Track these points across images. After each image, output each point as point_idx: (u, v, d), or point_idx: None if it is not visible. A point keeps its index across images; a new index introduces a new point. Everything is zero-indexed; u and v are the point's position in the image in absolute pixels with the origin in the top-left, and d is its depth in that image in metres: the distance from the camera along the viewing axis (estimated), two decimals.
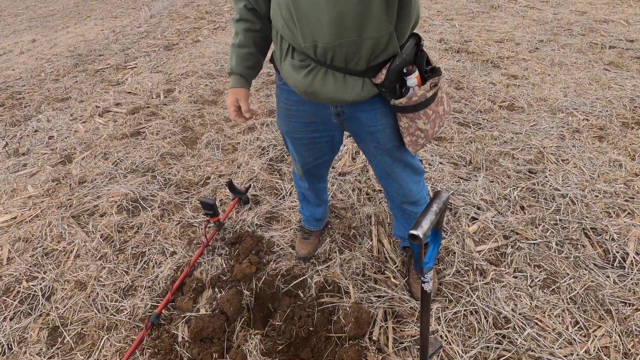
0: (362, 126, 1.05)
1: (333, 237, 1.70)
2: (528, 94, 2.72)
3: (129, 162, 2.33)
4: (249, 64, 1.08)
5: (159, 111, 2.92)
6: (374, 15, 0.82)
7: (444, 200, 0.72)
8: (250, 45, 1.06)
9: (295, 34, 0.90)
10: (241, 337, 1.36)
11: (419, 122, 0.98)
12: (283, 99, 1.13)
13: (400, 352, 1.26)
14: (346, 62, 0.90)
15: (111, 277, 1.63)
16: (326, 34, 0.84)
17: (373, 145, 1.09)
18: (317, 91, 0.96)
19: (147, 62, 3.92)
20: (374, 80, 0.93)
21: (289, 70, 0.98)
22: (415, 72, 0.92)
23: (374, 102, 0.99)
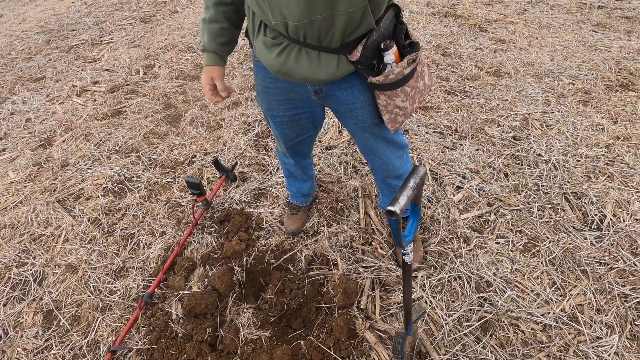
0: (340, 104, 1.03)
1: (321, 211, 1.72)
2: (515, 59, 2.69)
3: (112, 143, 2.28)
4: (222, 40, 1.03)
5: (140, 89, 2.82)
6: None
7: (421, 176, 0.73)
8: (223, 20, 1.00)
9: (265, 11, 0.86)
10: (234, 311, 1.40)
11: (397, 99, 0.96)
12: (260, 77, 1.09)
13: (387, 318, 1.31)
14: (319, 39, 0.86)
15: (102, 260, 1.64)
16: (295, 12, 0.80)
17: (353, 123, 1.08)
18: (290, 71, 0.93)
19: (123, 36, 3.74)
20: (349, 57, 0.90)
21: (261, 48, 0.94)
22: (393, 48, 0.89)
23: (351, 79, 0.97)
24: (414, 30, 3.20)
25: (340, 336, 1.26)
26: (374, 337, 1.25)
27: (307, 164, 1.48)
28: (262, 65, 1.05)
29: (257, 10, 0.88)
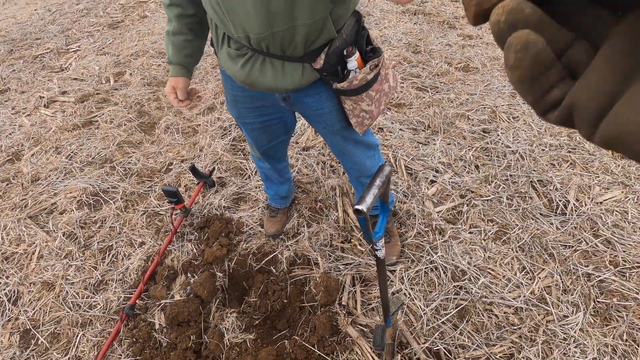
0: (309, 110, 1.06)
1: (300, 212, 1.74)
2: (482, 54, 2.78)
3: (84, 154, 2.23)
4: (187, 52, 1.04)
5: (111, 97, 2.76)
6: (304, 4, 0.79)
7: (387, 175, 0.76)
8: (186, 32, 1.01)
9: (227, 24, 0.87)
10: (217, 317, 1.40)
11: (363, 104, 0.99)
12: (228, 86, 1.10)
13: (368, 312, 1.35)
14: (282, 49, 0.88)
15: (79, 274, 1.61)
16: (255, 25, 0.82)
17: (322, 127, 1.11)
18: (255, 81, 0.94)
19: (91, 43, 3.64)
20: (313, 65, 0.92)
21: (226, 59, 0.96)
22: (356, 54, 0.92)
23: (317, 86, 0.99)
24: (385, 28, 3.26)
25: (324, 333, 1.29)
26: (356, 332, 1.29)
27: (283, 167, 1.50)
28: (229, 75, 1.06)
29: (219, 22, 0.89)
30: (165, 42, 1.05)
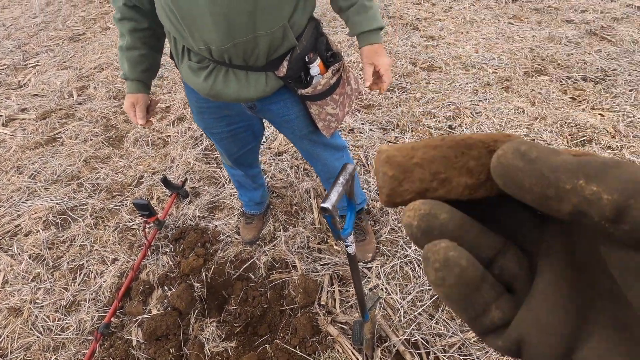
0: (275, 116, 1.07)
1: (276, 217, 1.75)
2: (445, 54, 2.89)
3: (49, 172, 2.15)
4: (143, 67, 1.01)
5: (75, 112, 2.68)
6: (264, 12, 0.81)
7: (350, 172, 0.79)
8: (141, 47, 0.98)
9: (186, 37, 0.86)
10: (197, 327, 1.39)
11: (328, 107, 1.01)
12: (193, 98, 1.09)
13: (347, 310, 1.38)
14: (245, 60, 0.89)
15: (49, 297, 1.55)
16: (217, 37, 0.82)
17: (290, 132, 1.12)
18: (219, 93, 0.94)
19: (50, 58, 3.51)
20: (276, 73, 0.93)
21: (188, 73, 0.95)
22: (317, 60, 0.94)
23: (282, 93, 1.00)
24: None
25: (305, 334, 1.30)
26: (337, 330, 1.31)
27: (256, 173, 1.51)
28: (192, 87, 1.05)
29: (177, 36, 0.89)
30: (119, 58, 1.01)
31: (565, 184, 0.13)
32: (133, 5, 0.93)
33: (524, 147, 0.14)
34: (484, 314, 0.16)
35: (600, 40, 2.92)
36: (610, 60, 2.66)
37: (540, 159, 0.14)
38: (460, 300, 0.16)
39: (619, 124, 2.11)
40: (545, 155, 0.14)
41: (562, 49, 2.84)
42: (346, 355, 1.25)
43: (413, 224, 0.16)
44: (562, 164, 0.13)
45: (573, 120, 2.14)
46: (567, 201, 0.13)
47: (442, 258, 0.15)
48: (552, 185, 0.13)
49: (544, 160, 0.14)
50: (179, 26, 0.85)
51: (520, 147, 0.14)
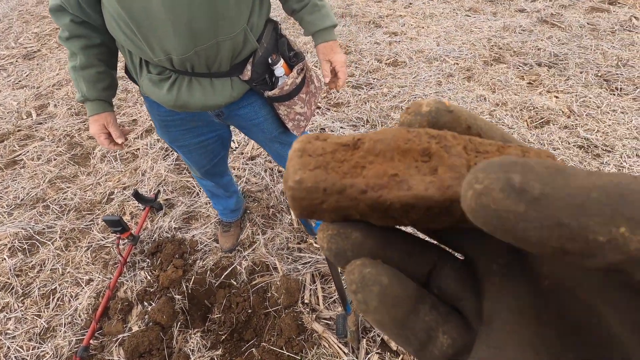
0: (243, 121, 1.06)
1: (254, 221, 1.75)
2: (408, 49, 2.97)
3: (11, 197, 2.05)
4: (104, 85, 0.96)
5: (35, 132, 2.56)
6: (225, 17, 0.80)
7: None
8: (97, 64, 0.93)
9: (143, 49, 0.83)
10: (180, 340, 1.37)
11: (296, 107, 1.02)
12: (155, 112, 1.05)
13: (331, 305, 1.39)
14: (208, 67, 0.88)
15: (21, 326, 1.48)
16: (177, 46, 0.80)
17: (261, 135, 1.11)
18: (186, 103, 0.92)
19: (4, 78, 3.35)
20: (241, 77, 0.93)
21: (149, 86, 0.92)
22: (281, 61, 0.95)
23: (249, 96, 1.00)
24: None
25: (290, 334, 1.31)
26: (322, 327, 1.32)
27: (227, 181, 1.48)
28: (153, 100, 1.01)
29: (133, 49, 0.86)
30: (74, 80, 0.94)
31: (598, 235, 0.09)
32: (82, 22, 0.88)
33: (518, 179, 0.10)
34: (430, 342, 0.13)
35: (551, 27, 3.09)
36: (561, 45, 2.82)
37: (549, 195, 0.09)
38: (395, 327, 0.13)
39: (572, 104, 2.24)
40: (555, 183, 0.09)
41: (517, 37, 2.98)
42: (333, 350, 1.27)
43: (324, 247, 0.15)
44: (587, 199, 0.09)
45: (531, 104, 2.25)
46: (601, 258, 0.09)
47: (357, 278, 0.13)
48: (577, 238, 0.09)
49: (555, 196, 0.09)
50: (134, 38, 0.82)
51: (513, 180, 0.10)
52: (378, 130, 0.15)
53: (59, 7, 0.87)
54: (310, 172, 0.14)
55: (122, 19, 0.79)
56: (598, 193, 0.09)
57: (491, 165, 0.10)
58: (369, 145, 0.14)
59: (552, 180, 0.10)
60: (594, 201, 0.09)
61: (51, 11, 0.87)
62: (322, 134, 0.16)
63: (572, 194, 0.09)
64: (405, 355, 1.23)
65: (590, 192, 0.09)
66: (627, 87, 2.35)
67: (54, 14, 0.88)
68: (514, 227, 0.10)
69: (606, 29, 2.95)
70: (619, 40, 2.81)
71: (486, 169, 0.10)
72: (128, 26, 0.80)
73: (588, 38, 2.87)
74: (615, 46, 2.74)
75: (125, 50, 0.90)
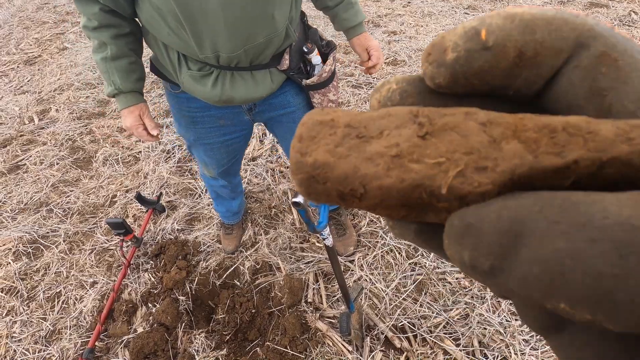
0: (276, 110, 1.06)
1: (256, 221, 1.75)
2: (407, 47, 2.98)
3: (14, 201, 2.07)
4: (137, 76, 0.95)
5: (37, 137, 2.58)
6: (274, 16, 0.82)
7: None
8: (129, 54, 0.92)
9: (188, 44, 0.82)
10: (185, 340, 1.37)
11: (330, 94, 1.03)
12: (184, 107, 1.04)
13: (334, 304, 1.40)
14: (251, 62, 0.89)
15: (27, 329, 1.49)
16: (229, 44, 0.81)
17: (288, 125, 1.10)
18: (231, 97, 0.92)
19: (5, 83, 3.37)
20: (279, 67, 0.94)
21: (190, 82, 0.91)
22: (315, 49, 0.96)
23: (283, 86, 1.01)
24: None
25: (294, 333, 1.31)
26: (325, 325, 1.32)
27: (238, 181, 1.48)
28: (185, 96, 1.00)
29: (176, 44, 0.84)
30: (104, 71, 0.91)
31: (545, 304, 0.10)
32: (110, 10, 0.85)
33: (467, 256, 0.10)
34: None
35: None
36: None
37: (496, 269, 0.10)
38: None
39: None
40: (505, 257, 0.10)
41: None
42: (337, 348, 1.27)
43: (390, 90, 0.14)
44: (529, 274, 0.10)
45: None
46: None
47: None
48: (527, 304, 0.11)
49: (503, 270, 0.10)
50: (182, 34, 0.81)
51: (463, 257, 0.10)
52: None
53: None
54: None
55: (172, 13, 0.77)
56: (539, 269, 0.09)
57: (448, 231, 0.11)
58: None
59: (501, 254, 0.10)
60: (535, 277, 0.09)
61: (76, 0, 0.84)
62: None
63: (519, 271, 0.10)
64: (409, 353, 1.24)
65: (532, 267, 0.09)
66: None
67: (79, 2, 0.84)
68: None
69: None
70: None
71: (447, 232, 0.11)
72: (178, 21, 0.78)
73: None
74: None
75: (161, 45, 0.88)
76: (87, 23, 0.88)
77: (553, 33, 0.11)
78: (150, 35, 0.89)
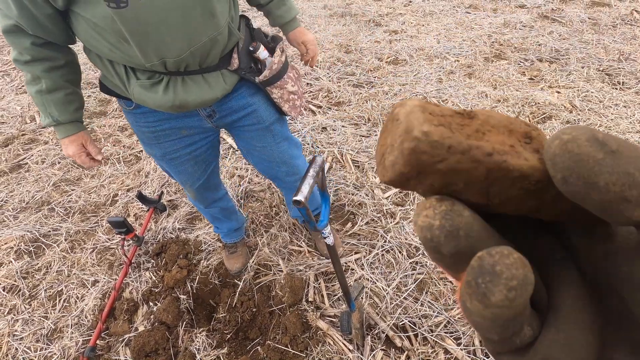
0: (236, 113, 1.04)
1: (259, 221, 1.75)
2: (408, 47, 2.97)
3: (16, 200, 2.07)
4: (75, 106, 0.93)
5: (39, 136, 2.58)
6: (214, 14, 0.82)
7: (319, 164, 0.81)
8: (65, 86, 0.89)
9: (131, 55, 0.81)
10: (186, 339, 1.38)
11: (287, 86, 1.03)
12: (142, 124, 1.01)
13: (335, 303, 1.40)
14: (200, 64, 0.89)
15: (28, 327, 1.49)
16: (173, 48, 0.80)
17: (254, 128, 1.08)
18: (184, 101, 0.90)
19: (7, 83, 3.38)
20: (229, 68, 0.94)
21: (141, 92, 0.89)
22: (261, 47, 0.97)
23: (237, 87, 1.01)
24: (316, 32, 3.37)
25: (295, 332, 1.31)
26: (326, 324, 1.32)
27: (222, 195, 1.39)
28: (139, 112, 0.98)
29: (119, 58, 0.82)
30: (39, 104, 0.89)
31: None
32: (44, 42, 0.82)
33: (601, 135, 0.12)
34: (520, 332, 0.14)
35: (552, 22, 3.08)
36: (562, 41, 2.81)
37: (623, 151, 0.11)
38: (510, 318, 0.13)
39: (574, 99, 2.23)
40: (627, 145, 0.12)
41: (518, 33, 2.97)
42: (338, 347, 1.27)
43: (434, 225, 0.13)
44: None
45: (533, 100, 2.25)
46: None
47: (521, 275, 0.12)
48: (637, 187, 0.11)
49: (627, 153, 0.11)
50: (121, 45, 0.79)
51: (597, 135, 0.12)
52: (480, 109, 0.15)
53: (14, 27, 0.80)
54: (436, 127, 0.13)
55: (109, 27, 0.75)
56: None
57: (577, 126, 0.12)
58: (483, 117, 0.15)
59: (625, 143, 0.12)
60: None
61: (5, 33, 0.80)
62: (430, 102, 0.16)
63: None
64: (410, 352, 1.24)
65: None
66: (629, 80, 2.34)
67: (9, 35, 0.80)
68: (589, 171, 0.11)
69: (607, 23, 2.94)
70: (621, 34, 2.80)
71: (573, 127, 0.12)
72: (117, 34, 0.77)
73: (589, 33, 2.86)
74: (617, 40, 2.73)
75: (105, 61, 0.86)
76: (19, 57, 0.84)
77: None
78: (92, 54, 0.86)
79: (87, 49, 0.87)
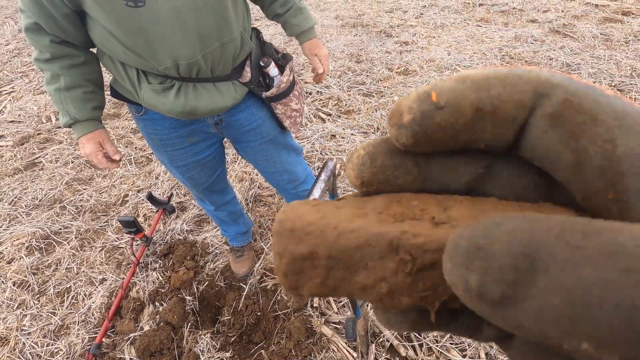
0: (242, 127, 1.06)
1: (266, 225, 1.77)
2: (419, 58, 3.00)
3: (29, 198, 2.11)
4: (94, 105, 0.93)
5: (54, 136, 2.65)
6: (226, 20, 0.85)
7: (331, 169, 0.82)
8: (84, 84, 0.89)
9: (145, 59, 0.82)
10: (191, 340, 1.38)
11: (292, 104, 1.06)
12: (150, 131, 1.02)
13: (340, 310, 1.39)
14: (212, 71, 0.90)
15: (36, 323, 1.51)
16: (186, 51, 0.82)
17: (258, 143, 1.10)
18: (195, 107, 0.91)
19: (26, 83, 3.47)
20: (241, 80, 0.96)
21: (152, 97, 0.89)
22: (272, 62, 0.99)
23: (245, 100, 1.02)
24: (327, 42, 3.41)
25: (299, 337, 1.31)
26: (331, 330, 1.32)
27: (230, 198, 1.41)
28: (149, 118, 0.99)
29: (133, 60, 0.84)
30: (58, 102, 0.88)
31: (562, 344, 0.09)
32: (62, 41, 0.84)
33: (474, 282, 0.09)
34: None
35: (563, 37, 3.09)
36: (574, 55, 2.81)
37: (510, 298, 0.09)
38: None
39: None
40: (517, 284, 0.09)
41: (529, 47, 2.98)
42: (341, 354, 1.26)
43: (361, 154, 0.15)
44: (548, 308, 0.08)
45: None
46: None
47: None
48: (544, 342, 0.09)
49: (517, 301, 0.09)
50: (136, 48, 0.80)
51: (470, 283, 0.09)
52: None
53: (34, 25, 0.81)
54: None
55: (124, 30, 0.77)
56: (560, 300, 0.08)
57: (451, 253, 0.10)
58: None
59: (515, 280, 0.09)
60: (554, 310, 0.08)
61: (27, 31, 0.82)
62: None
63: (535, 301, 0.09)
64: None
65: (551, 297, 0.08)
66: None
67: (30, 34, 0.82)
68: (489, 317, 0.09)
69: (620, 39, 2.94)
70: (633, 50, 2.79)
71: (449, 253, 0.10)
72: (131, 37, 0.78)
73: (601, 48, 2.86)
74: (629, 56, 2.72)
75: (118, 64, 0.87)
76: (39, 56, 0.86)
77: (508, 87, 0.12)
78: (106, 57, 0.88)
79: (101, 52, 0.89)
